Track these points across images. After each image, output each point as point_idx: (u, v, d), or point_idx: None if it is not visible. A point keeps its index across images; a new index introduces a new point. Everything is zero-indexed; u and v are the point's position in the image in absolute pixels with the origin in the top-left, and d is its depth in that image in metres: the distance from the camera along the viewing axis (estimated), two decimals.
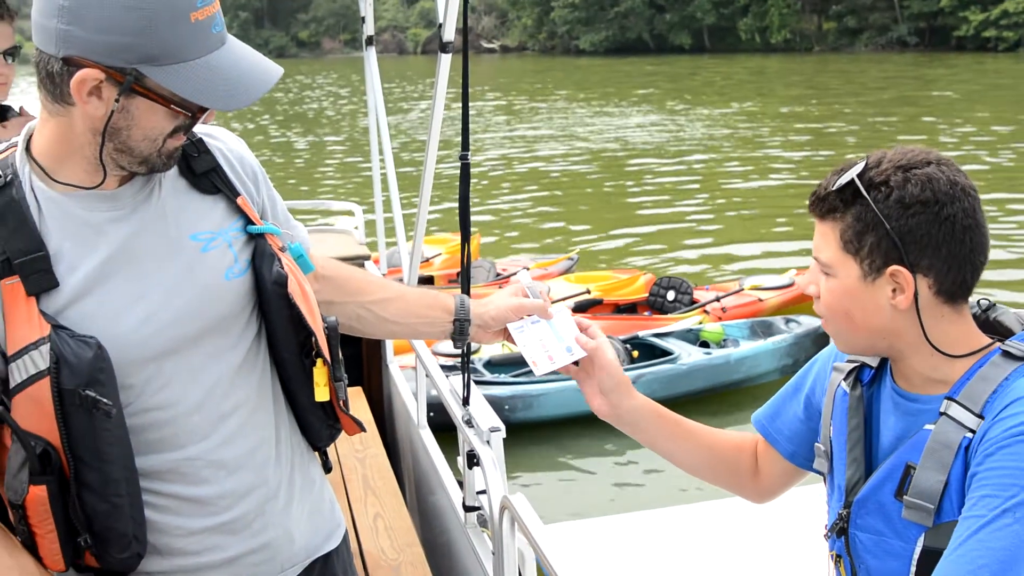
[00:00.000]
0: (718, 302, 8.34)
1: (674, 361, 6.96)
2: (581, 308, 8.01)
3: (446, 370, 2.81)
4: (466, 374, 2.31)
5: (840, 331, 1.39)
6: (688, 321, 7.95)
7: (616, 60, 53.79)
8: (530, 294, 1.81)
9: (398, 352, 4.09)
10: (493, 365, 7.10)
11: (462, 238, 2.19)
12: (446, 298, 1.82)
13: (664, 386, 6.67)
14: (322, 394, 1.57)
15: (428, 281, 9.13)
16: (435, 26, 2.50)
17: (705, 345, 7.50)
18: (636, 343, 7.34)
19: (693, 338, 7.58)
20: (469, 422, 2.28)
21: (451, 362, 6.06)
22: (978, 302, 1.40)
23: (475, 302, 1.81)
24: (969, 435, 1.26)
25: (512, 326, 1.78)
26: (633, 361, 7.04)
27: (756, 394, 7.02)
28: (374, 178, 4.66)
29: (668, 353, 7.15)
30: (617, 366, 1.66)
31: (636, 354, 7.18)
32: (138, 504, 1.41)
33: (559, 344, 1.74)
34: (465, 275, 2.21)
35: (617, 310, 8.53)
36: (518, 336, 1.77)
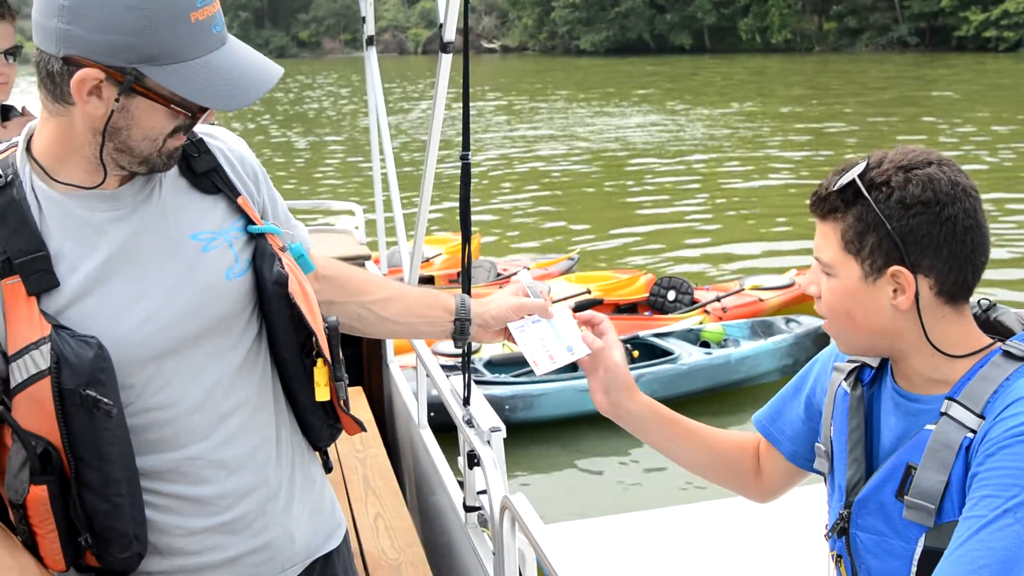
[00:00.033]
0: (718, 302, 8.34)
1: (675, 361, 6.97)
2: (581, 308, 7.99)
3: (447, 370, 2.81)
4: (467, 374, 2.31)
5: (841, 331, 1.39)
6: (688, 321, 7.96)
7: (617, 60, 53.79)
8: (531, 293, 1.81)
9: (399, 352, 4.09)
10: (493, 365, 7.10)
11: (463, 238, 2.19)
12: (447, 297, 1.82)
13: (665, 386, 6.67)
14: (323, 394, 1.57)
15: (429, 281, 9.14)
16: (435, 26, 2.50)
17: (706, 345, 7.50)
18: (636, 343, 7.34)
19: (694, 338, 7.58)
20: (470, 422, 2.28)
21: (451, 362, 6.06)
22: (978, 302, 1.40)
23: (476, 301, 1.81)
24: (970, 435, 1.26)
25: (513, 325, 1.78)
26: (633, 361, 7.04)
27: (757, 394, 7.02)
28: (374, 178, 4.65)
29: (669, 353, 7.16)
30: (622, 368, 1.66)
31: (636, 354, 7.19)
32: (139, 504, 1.41)
33: (560, 343, 1.74)
34: (466, 275, 2.21)
35: (617, 310, 8.53)
36: (519, 335, 1.77)
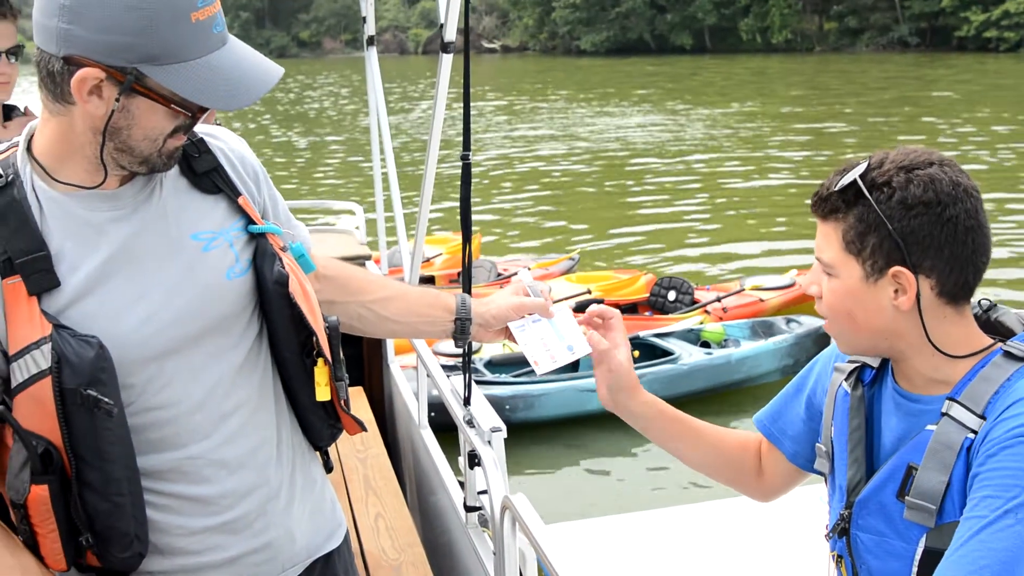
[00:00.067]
0: (719, 302, 8.34)
1: (675, 361, 6.97)
2: (582, 308, 8.00)
3: (447, 370, 2.81)
4: (467, 374, 2.31)
5: (842, 331, 1.39)
6: (689, 321, 7.96)
7: (617, 60, 53.78)
8: (531, 293, 1.81)
9: (399, 352, 4.09)
10: (494, 365, 7.10)
11: (463, 238, 2.19)
12: (447, 297, 1.82)
13: (665, 386, 6.67)
14: (323, 394, 1.57)
15: (429, 281, 9.14)
16: (436, 26, 2.50)
17: (706, 345, 7.50)
18: (637, 343, 7.34)
19: (694, 338, 7.59)
20: (470, 422, 2.28)
21: (452, 362, 6.06)
22: (979, 302, 1.40)
23: (476, 301, 1.81)
24: (971, 436, 1.25)
25: (513, 325, 1.78)
26: (634, 361, 7.02)
27: (757, 394, 7.02)
28: (375, 178, 4.65)
29: (669, 353, 7.16)
30: (625, 368, 1.66)
31: (637, 354, 7.19)
32: (140, 503, 1.41)
33: (561, 342, 1.74)
34: (466, 275, 2.21)
35: (618, 310, 8.53)
36: (519, 335, 1.77)
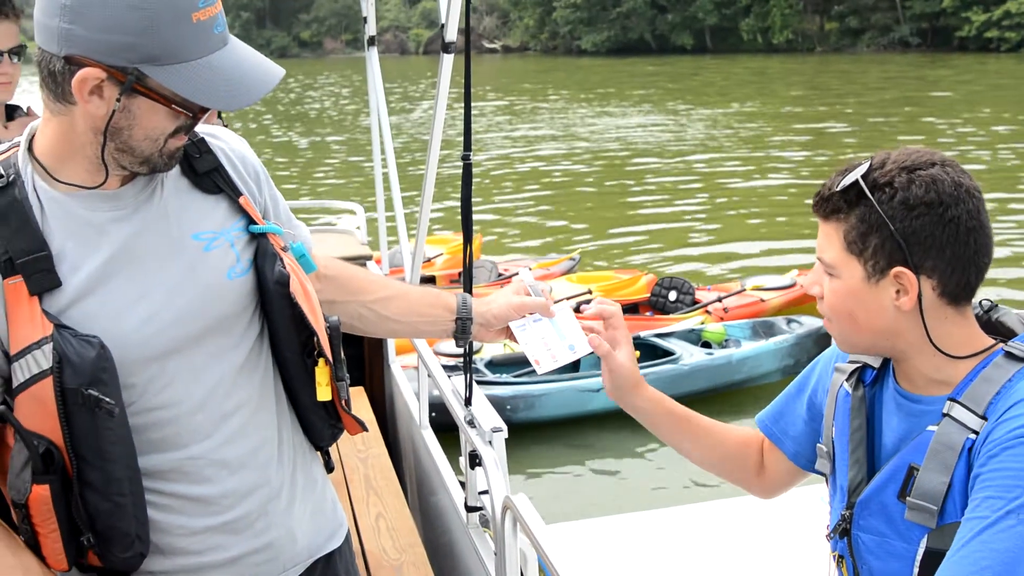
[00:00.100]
0: (720, 302, 8.35)
1: (676, 361, 6.97)
2: (581, 309, 8.01)
3: (448, 370, 2.81)
4: (468, 374, 2.30)
5: (843, 331, 1.39)
6: (690, 321, 7.96)
7: (618, 60, 53.78)
8: (532, 292, 1.81)
9: (400, 352, 4.09)
10: (495, 365, 7.10)
11: (464, 238, 2.18)
12: (448, 297, 1.82)
13: (666, 386, 6.65)
14: (324, 394, 1.57)
15: (430, 281, 9.14)
16: (437, 26, 2.50)
17: (707, 345, 7.50)
18: (638, 343, 7.34)
19: (695, 338, 7.59)
20: (471, 422, 2.28)
21: (453, 362, 6.06)
22: (980, 303, 1.40)
23: (477, 300, 1.81)
24: (972, 436, 1.25)
25: (514, 324, 1.78)
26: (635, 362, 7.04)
27: (758, 394, 7.02)
28: (376, 178, 4.65)
29: (670, 353, 7.16)
30: (627, 368, 1.66)
31: (638, 354, 7.17)
32: (141, 503, 1.41)
33: (562, 342, 1.74)
34: (467, 275, 2.21)
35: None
36: (520, 334, 1.77)
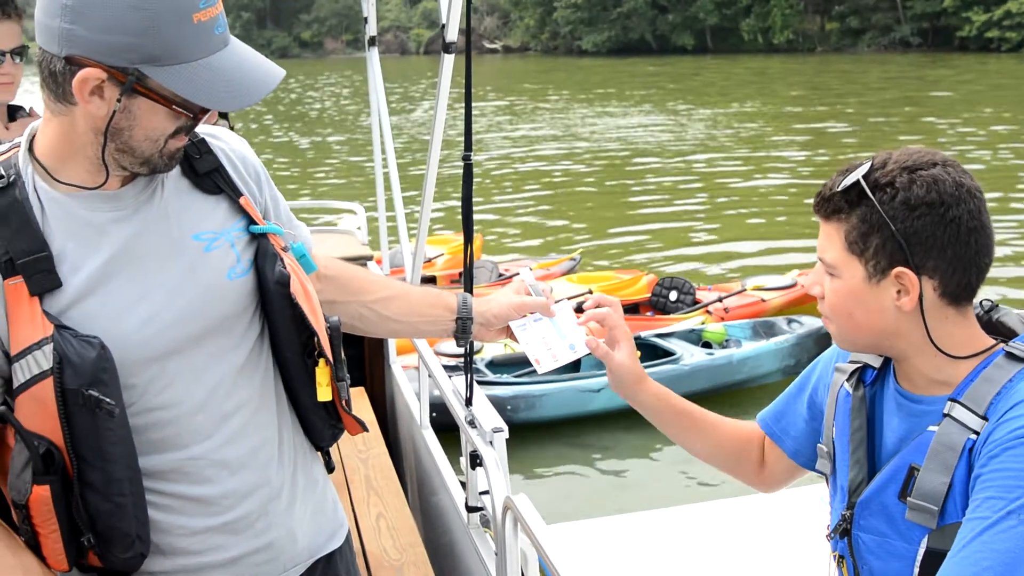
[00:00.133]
0: (720, 302, 8.34)
1: (676, 362, 6.97)
2: (582, 309, 8.01)
3: (449, 370, 2.81)
4: (469, 374, 2.30)
5: (843, 331, 1.39)
6: (690, 321, 7.96)
7: (618, 61, 53.77)
8: (532, 292, 1.81)
9: (401, 352, 4.09)
10: (495, 365, 7.09)
11: (465, 238, 2.18)
12: (448, 296, 1.82)
13: (667, 386, 6.65)
14: (324, 394, 1.57)
15: (431, 281, 9.14)
16: (437, 27, 2.50)
17: (707, 346, 7.50)
18: (638, 343, 7.34)
19: (695, 338, 7.58)
20: (472, 422, 2.27)
21: (453, 362, 6.06)
22: (980, 303, 1.39)
23: (477, 300, 1.81)
24: (973, 437, 1.25)
25: (514, 324, 1.78)
26: None
27: (758, 395, 7.01)
28: (376, 178, 4.64)
29: (670, 354, 7.16)
30: (627, 366, 1.70)
31: (639, 355, 7.18)
32: (141, 504, 1.41)
33: (562, 341, 1.74)
34: (468, 275, 2.21)
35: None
36: (520, 334, 1.77)
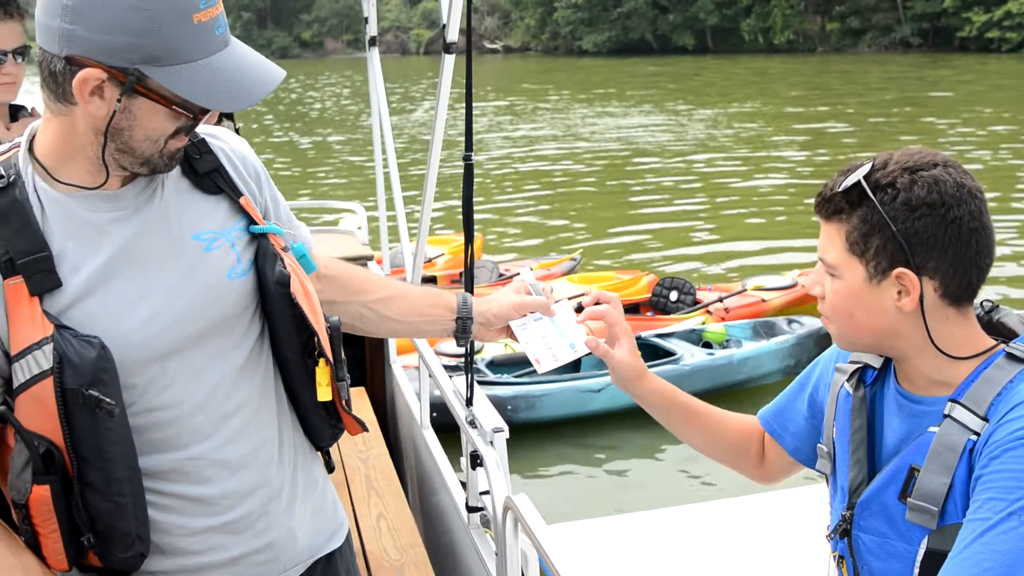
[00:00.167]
0: (721, 302, 8.34)
1: (677, 362, 6.96)
2: (583, 308, 8.00)
3: (449, 370, 2.81)
4: (469, 374, 2.30)
5: (843, 331, 1.39)
6: (691, 321, 7.95)
7: (619, 61, 53.77)
8: (532, 291, 1.81)
9: (401, 352, 4.08)
10: (496, 365, 7.09)
11: (465, 238, 2.19)
12: (448, 296, 1.82)
13: None
14: (324, 394, 1.57)
15: (431, 281, 9.14)
16: (438, 27, 2.50)
17: (708, 346, 7.50)
18: (639, 343, 7.31)
19: (696, 339, 7.58)
20: (472, 422, 2.27)
21: (454, 362, 6.06)
22: (981, 304, 1.39)
23: (478, 300, 1.81)
24: (973, 437, 1.25)
25: (515, 324, 1.78)
26: None
27: (759, 395, 7.01)
28: (377, 178, 4.64)
29: (671, 354, 7.15)
30: (628, 363, 1.71)
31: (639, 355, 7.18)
32: (141, 504, 1.41)
33: (562, 341, 1.74)
34: (468, 275, 2.21)
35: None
36: (520, 334, 1.77)
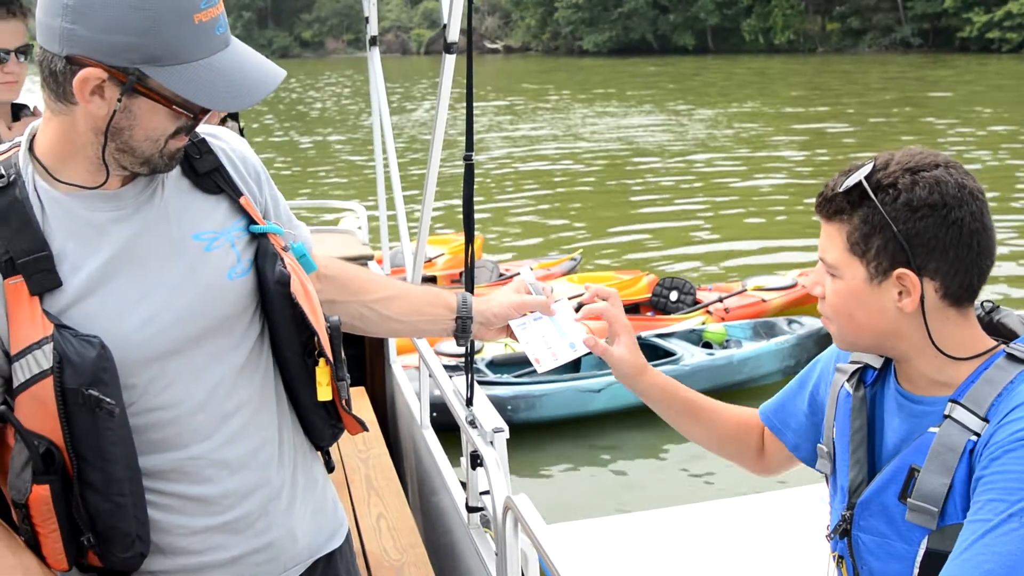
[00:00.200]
0: (721, 303, 8.34)
1: (677, 362, 6.96)
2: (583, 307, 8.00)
3: (449, 370, 2.81)
4: (469, 374, 2.30)
5: (843, 331, 1.39)
6: (691, 322, 7.95)
7: (619, 61, 53.76)
8: (532, 291, 1.81)
9: (401, 352, 4.08)
10: (496, 365, 7.09)
11: (466, 238, 2.18)
12: (448, 296, 1.82)
13: None
14: (324, 394, 1.57)
15: (431, 281, 9.14)
16: (438, 27, 2.50)
17: (708, 346, 7.49)
18: (639, 344, 7.33)
19: (696, 339, 7.58)
20: (472, 422, 2.27)
21: (454, 362, 6.06)
22: (981, 304, 1.39)
23: (477, 299, 1.81)
24: (973, 438, 1.25)
25: (514, 323, 1.78)
26: None
27: (759, 395, 6.98)
28: (377, 178, 4.64)
29: (671, 354, 7.15)
30: (627, 360, 1.72)
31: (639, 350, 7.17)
32: (141, 504, 1.41)
33: (562, 340, 1.74)
34: (469, 275, 2.21)
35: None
36: (520, 333, 1.77)
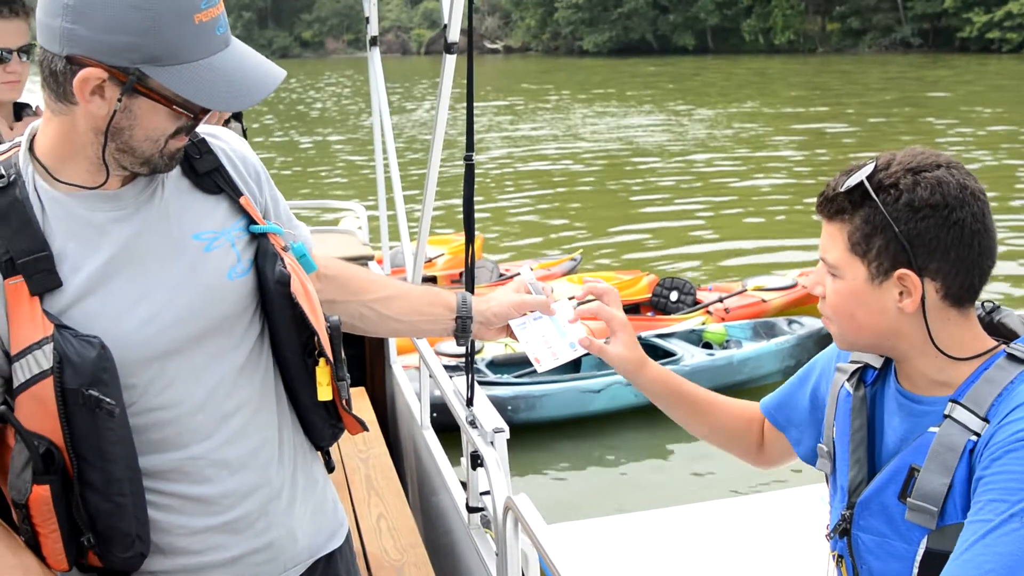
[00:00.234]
0: (721, 303, 8.34)
1: (677, 362, 6.96)
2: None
3: (449, 370, 2.81)
4: (470, 374, 2.30)
5: (843, 331, 1.39)
6: (691, 322, 7.95)
7: (619, 61, 53.77)
8: (532, 290, 1.81)
9: (401, 352, 4.08)
10: (496, 365, 7.09)
11: (466, 238, 2.19)
12: (448, 295, 1.82)
13: None
14: (324, 393, 1.57)
15: (431, 281, 9.14)
16: (438, 27, 2.50)
17: (708, 346, 7.50)
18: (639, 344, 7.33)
19: (696, 339, 7.58)
20: (473, 423, 2.27)
21: (454, 362, 6.05)
22: (982, 304, 1.39)
23: (477, 299, 1.81)
24: (973, 438, 1.25)
25: (514, 323, 1.78)
26: None
27: (759, 395, 6.92)
28: (378, 178, 4.64)
29: (671, 354, 7.15)
30: (628, 357, 1.71)
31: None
32: (141, 504, 1.41)
33: (562, 340, 1.74)
34: (469, 275, 2.21)
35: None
36: (520, 333, 1.77)
